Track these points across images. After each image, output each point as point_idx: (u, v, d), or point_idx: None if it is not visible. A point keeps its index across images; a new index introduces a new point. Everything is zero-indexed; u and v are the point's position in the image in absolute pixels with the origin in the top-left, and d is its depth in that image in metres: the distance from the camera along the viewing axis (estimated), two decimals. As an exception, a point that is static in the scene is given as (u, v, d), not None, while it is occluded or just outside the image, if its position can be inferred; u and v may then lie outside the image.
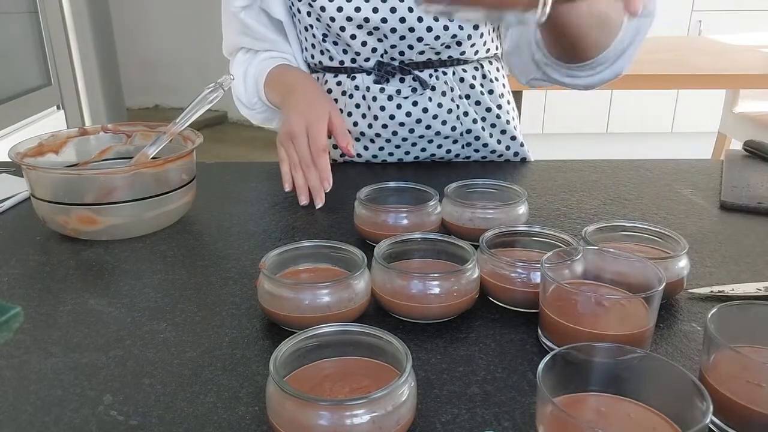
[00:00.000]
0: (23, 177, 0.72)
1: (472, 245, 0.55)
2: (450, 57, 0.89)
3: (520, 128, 1.01)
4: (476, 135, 0.94)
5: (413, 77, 0.89)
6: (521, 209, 0.67)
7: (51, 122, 2.23)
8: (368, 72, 0.90)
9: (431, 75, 0.90)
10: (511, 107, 0.99)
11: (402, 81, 0.90)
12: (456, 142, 0.95)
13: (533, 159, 1.00)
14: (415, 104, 0.90)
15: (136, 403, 0.43)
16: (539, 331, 0.50)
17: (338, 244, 0.56)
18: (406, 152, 0.95)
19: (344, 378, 0.42)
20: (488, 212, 0.65)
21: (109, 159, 0.80)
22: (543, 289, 0.49)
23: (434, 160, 0.97)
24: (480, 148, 0.96)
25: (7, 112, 1.99)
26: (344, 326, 0.43)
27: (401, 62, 0.89)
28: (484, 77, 0.93)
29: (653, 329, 0.47)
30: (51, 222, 0.69)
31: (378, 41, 0.86)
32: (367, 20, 0.84)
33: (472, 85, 0.92)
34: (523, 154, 0.99)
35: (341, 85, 0.93)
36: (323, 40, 0.89)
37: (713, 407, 0.33)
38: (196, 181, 0.76)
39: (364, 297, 0.52)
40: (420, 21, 0.83)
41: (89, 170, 0.74)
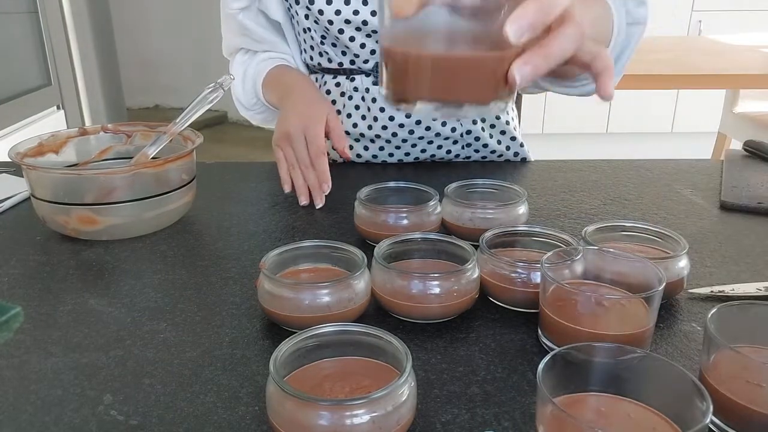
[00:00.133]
0: (23, 177, 0.72)
1: (472, 245, 0.55)
2: None
3: (520, 128, 1.01)
4: (476, 135, 0.94)
5: None
6: (521, 209, 0.67)
7: (51, 122, 2.24)
8: (367, 73, 0.90)
9: None
10: (511, 107, 0.99)
11: None
12: (456, 143, 0.94)
13: (533, 159, 1.00)
14: None
15: (136, 403, 0.43)
16: (539, 331, 0.50)
17: (338, 244, 0.56)
18: (406, 153, 0.95)
19: (344, 378, 0.42)
20: (488, 212, 0.65)
21: (109, 159, 0.80)
22: (543, 289, 0.49)
23: (434, 161, 0.97)
24: (480, 149, 0.96)
25: (7, 112, 1.99)
26: (344, 326, 0.43)
27: None
28: None
29: (653, 329, 0.47)
30: (51, 222, 0.69)
31: (377, 43, 0.86)
32: (366, 23, 0.84)
33: None
34: (523, 154, 0.99)
35: (340, 87, 0.93)
36: (321, 43, 0.89)
37: (713, 407, 0.33)
38: (196, 181, 0.76)
39: (364, 297, 0.52)
40: None
41: (89, 170, 0.74)
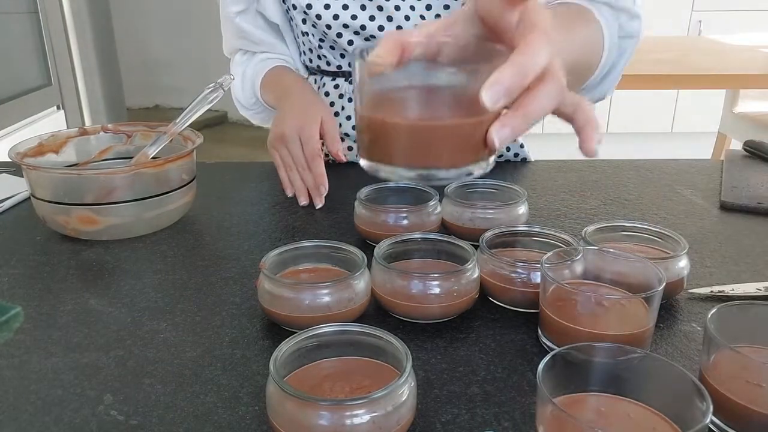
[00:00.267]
0: (23, 177, 0.72)
1: (472, 245, 0.55)
2: None
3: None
4: None
5: None
6: (521, 209, 0.67)
7: (51, 122, 2.24)
8: None
9: None
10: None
11: None
12: None
13: (533, 159, 1.00)
14: None
15: (137, 403, 0.43)
16: (539, 331, 0.50)
17: (338, 244, 0.56)
18: None
19: (344, 378, 0.42)
20: (488, 212, 0.65)
21: (109, 159, 0.80)
22: (543, 289, 0.49)
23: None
24: None
25: (7, 112, 1.99)
26: (344, 326, 0.43)
27: None
28: None
29: (653, 329, 0.47)
30: (51, 222, 0.69)
31: None
32: (364, 27, 0.83)
33: None
34: (523, 155, 0.99)
35: (339, 89, 0.92)
36: (319, 46, 0.89)
37: (713, 407, 0.33)
38: (196, 181, 0.76)
39: (364, 297, 0.52)
40: None
41: (89, 170, 0.74)
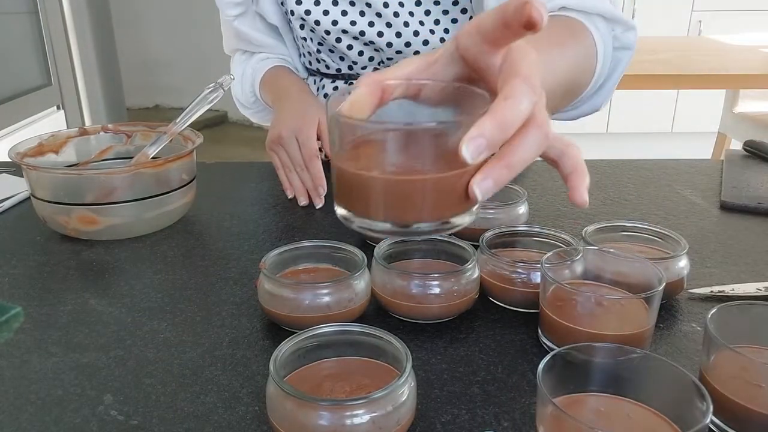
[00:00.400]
0: (23, 177, 0.72)
1: (472, 245, 0.55)
2: None
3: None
4: None
5: None
6: (521, 209, 0.67)
7: (51, 122, 2.23)
8: None
9: None
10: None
11: None
12: None
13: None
14: None
15: (137, 403, 0.43)
16: (539, 331, 0.50)
17: (338, 244, 0.56)
18: None
19: (344, 378, 0.42)
20: (488, 212, 0.65)
21: (109, 159, 0.80)
22: (543, 289, 0.49)
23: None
24: None
25: (7, 112, 1.99)
26: (344, 326, 0.43)
27: None
28: None
29: (653, 329, 0.47)
30: (51, 222, 0.69)
31: (375, 51, 0.86)
32: (363, 33, 0.83)
33: None
34: (524, 155, 0.99)
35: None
36: (318, 51, 0.89)
37: (713, 407, 0.33)
38: (196, 181, 0.76)
39: (364, 297, 0.52)
40: (416, 35, 0.83)
41: (89, 170, 0.74)
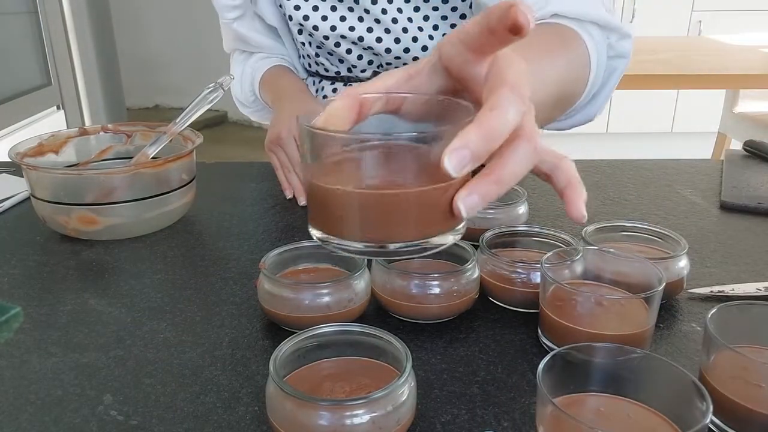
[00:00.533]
0: (23, 177, 0.72)
1: (472, 245, 0.55)
2: None
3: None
4: None
5: None
6: (521, 209, 0.67)
7: (51, 122, 2.23)
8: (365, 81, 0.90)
9: None
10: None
11: None
12: None
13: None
14: None
15: (136, 403, 0.43)
16: (539, 331, 0.50)
17: (338, 244, 0.56)
18: None
19: (344, 378, 0.42)
20: (488, 212, 0.65)
21: (109, 159, 0.80)
22: (543, 289, 0.49)
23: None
24: None
25: (7, 112, 1.99)
26: (344, 326, 0.43)
27: None
28: None
29: (653, 329, 0.47)
30: (51, 222, 0.69)
31: (375, 55, 0.85)
32: (362, 39, 0.83)
33: None
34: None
35: (338, 93, 0.92)
36: (317, 54, 0.89)
37: (713, 407, 0.33)
38: (196, 181, 0.76)
39: (364, 297, 0.52)
40: (415, 41, 0.82)
41: (89, 170, 0.74)
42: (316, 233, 0.35)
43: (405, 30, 0.82)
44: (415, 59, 0.84)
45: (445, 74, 0.37)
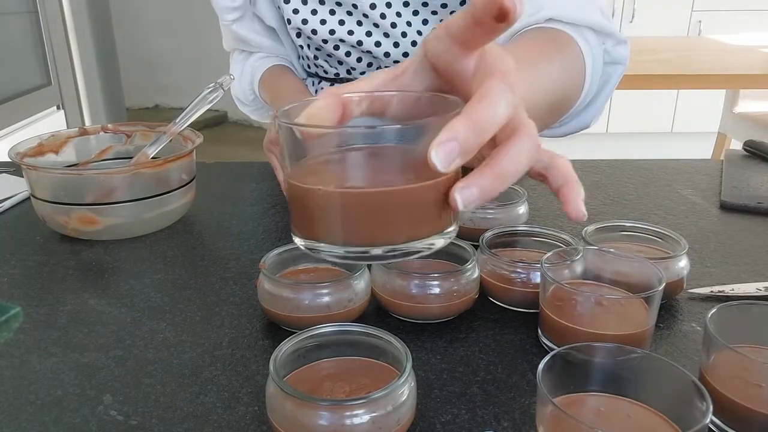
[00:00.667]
0: (23, 177, 0.72)
1: (472, 245, 0.55)
2: None
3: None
4: None
5: None
6: (521, 209, 0.67)
7: (51, 122, 2.23)
8: None
9: None
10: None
11: None
12: None
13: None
14: None
15: (136, 403, 0.43)
16: (539, 331, 0.50)
17: (338, 244, 0.55)
18: None
19: (344, 378, 0.42)
20: (488, 212, 0.65)
21: (109, 159, 0.80)
22: (543, 289, 0.49)
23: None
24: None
25: (7, 112, 1.99)
26: (344, 326, 0.43)
27: None
28: None
29: (653, 329, 0.47)
30: (51, 222, 0.69)
31: (374, 58, 0.85)
32: (360, 43, 0.82)
33: None
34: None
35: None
36: (315, 57, 0.89)
37: (713, 407, 0.33)
38: (196, 181, 0.76)
39: (364, 297, 0.52)
40: (414, 45, 0.82)
41: (89, 170, 0.74)
42: (301, 242, 0.33)
43: (404, 34, 0.81)
44: None
45: (432, 72, 0.36)
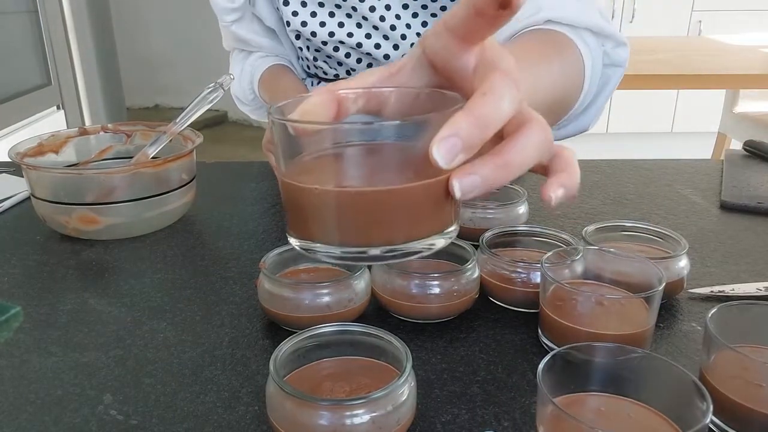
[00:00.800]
0: (23, 177, 0.72)
1: (472, 245, 0.55)
2: None
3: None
4: None
5: None
6: (521, 209, 0.67)
7: (51, 122, 2.24)
8: None
9: None
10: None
11: None
12: None
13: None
14: None
15: (136, 403, 0.43)
16: (539, 331, 0.50)
17: (338, 244, 0.55)
18: None
19: (344, 378, 0.42)
20: (488, 212, 0.65)
21: (109, 159, 0.80)
22: (543, 289, 0.49)
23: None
24: None
25: (7, 112, 1.99)
26: (344, 326, 0.43)
27: None
28: None
29: (653, 329, 0.47)
30: (51, 222, 0.69)
31: (374, 60, 0.85)
32: (360, 45, 0.82)
33: None
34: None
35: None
36: (315, 59, 0.89)
37: (713, 407, 0.33)
38: (196, 181, 0.76)
39: (364, 297, 0.52)
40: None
41: (89, 170, 0.74)
42: (297, 242, 0.32)
43: (403, 36, 0.81)
44: None
45: (430, 69, 0.35)
